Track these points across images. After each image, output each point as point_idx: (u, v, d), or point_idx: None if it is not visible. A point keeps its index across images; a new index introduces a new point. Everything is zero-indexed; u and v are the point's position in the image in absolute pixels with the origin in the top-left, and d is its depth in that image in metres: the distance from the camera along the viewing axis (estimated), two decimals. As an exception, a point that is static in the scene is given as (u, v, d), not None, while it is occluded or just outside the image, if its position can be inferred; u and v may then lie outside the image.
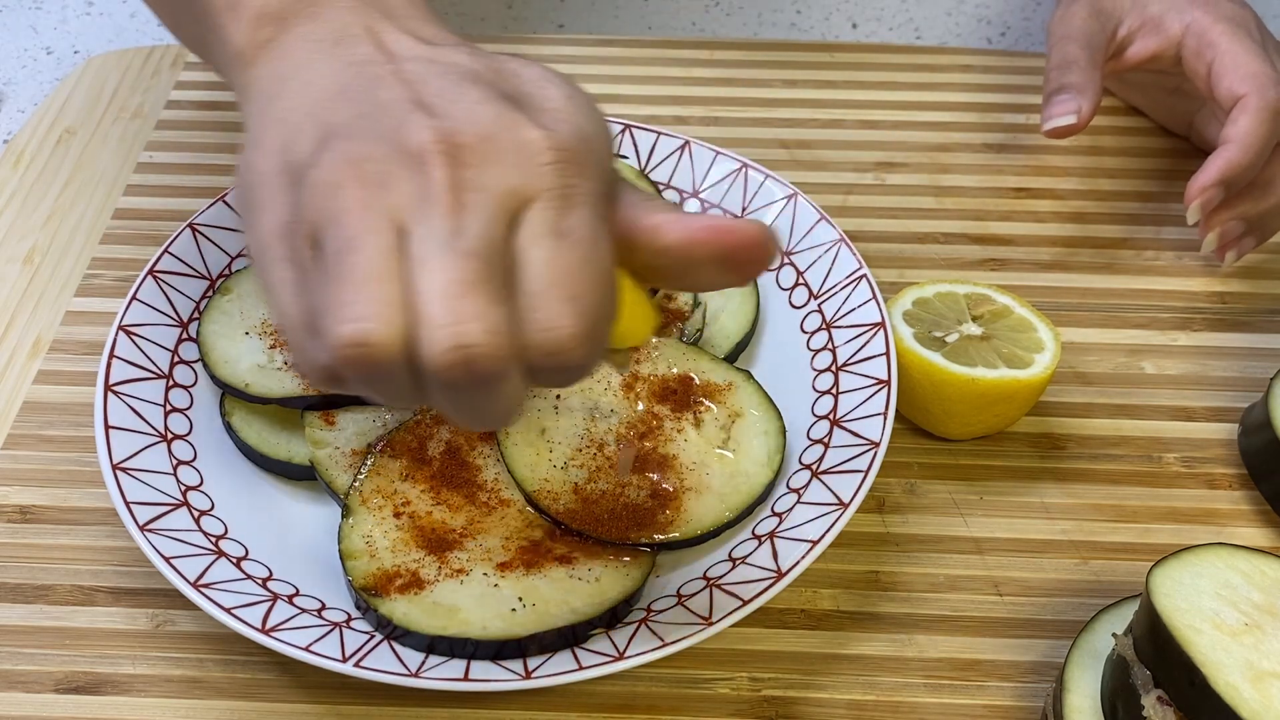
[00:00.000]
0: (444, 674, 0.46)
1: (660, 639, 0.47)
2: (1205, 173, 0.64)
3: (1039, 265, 0.71)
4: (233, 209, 0.61)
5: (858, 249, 0.62)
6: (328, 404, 0.56)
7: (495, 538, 0.52)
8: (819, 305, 0.61)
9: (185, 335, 0.58)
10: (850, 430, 0.55)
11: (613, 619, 0.49)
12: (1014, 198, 0.75)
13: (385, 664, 0.46)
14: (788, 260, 0.64)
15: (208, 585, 0.48)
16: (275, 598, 0.49)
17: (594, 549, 0.51)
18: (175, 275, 0.60)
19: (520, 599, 0.49)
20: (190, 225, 0.61)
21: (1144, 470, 0.60)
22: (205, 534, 0.51)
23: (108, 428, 0.53)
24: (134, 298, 0.58)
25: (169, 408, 0.56)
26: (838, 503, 0.51)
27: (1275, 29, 0.73)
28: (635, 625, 0.48)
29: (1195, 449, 0.61)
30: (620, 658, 0.46)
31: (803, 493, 0.53)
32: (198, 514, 0.52)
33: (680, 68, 0.85)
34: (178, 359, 0.58)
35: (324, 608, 0.49)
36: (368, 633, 0.48)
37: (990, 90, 0.84)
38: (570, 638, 0.48)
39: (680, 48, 0.87)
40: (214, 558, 0.50)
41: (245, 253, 0.61)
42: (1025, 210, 0.74)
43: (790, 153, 0.78)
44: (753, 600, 0.48)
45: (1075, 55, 0.69)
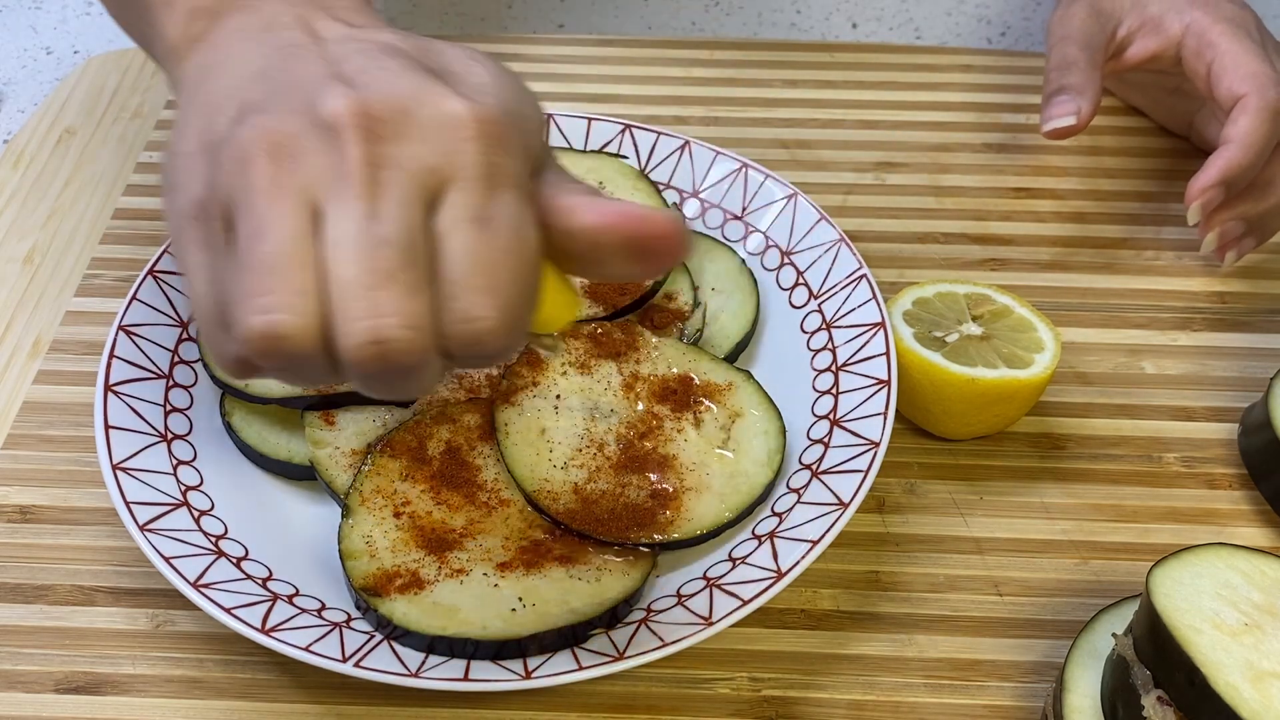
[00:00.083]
0: (444, 674, 0.46)
1: (660, 639, 0.47)
2: (1206, 173, 0.64)
3: (1039, 265, 0.71)
4: None
5: (858, 249, 0.62)
6: (328, 404, 0.56)
7: (495, 538, 0.52)
8: (819, 305, 0.61)
9: (185, 335, 0.58)
10: (850, 430, 0.55)
11: (613, 619, 0.49)
12: (1014, 198, 0.75)
13: (385, 664, 0.46)
14: (788, 260, 0.64)
15: (208, 585, 0.48)
16: (275, 598, 0.49)
17: (594, 549, 0.51)
18: (175, 275, 0.60)
19: (520, 599, 0.49)
20: (190, 225, 0.61)
21: (1144, 470, 0.60)
22: (205, 534, 0.51)
23: (108, 428, 0.53)
24: (134, 298, 0.58)
25: (169, 408, 0.56)
26: (838, 503, 0.51)
27: (1275, 29, 0.73)
28: (635, 625, 0.48)
29: (1195, 449, 0.61)
30: (620, 658, 0.46)
31: (803, 493, 0.53)
32: (198, 514, 0.52)
33: (680, 68, 0.85)
34: (178, 359, 0.58)
35: (324, 608, 0.49)
36: (368, 633, 0.48)
37: (990, 90, 0.84)
38: (570, 638, 0.48)
39: (680, 48, 0.87)
40: (214, 558, 0.50)
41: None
42: (1025, 210, 0.74)
43: (790, 153, 0.78)
44: (753, 600, 0.48)
45: (1075, 56, 0.69)
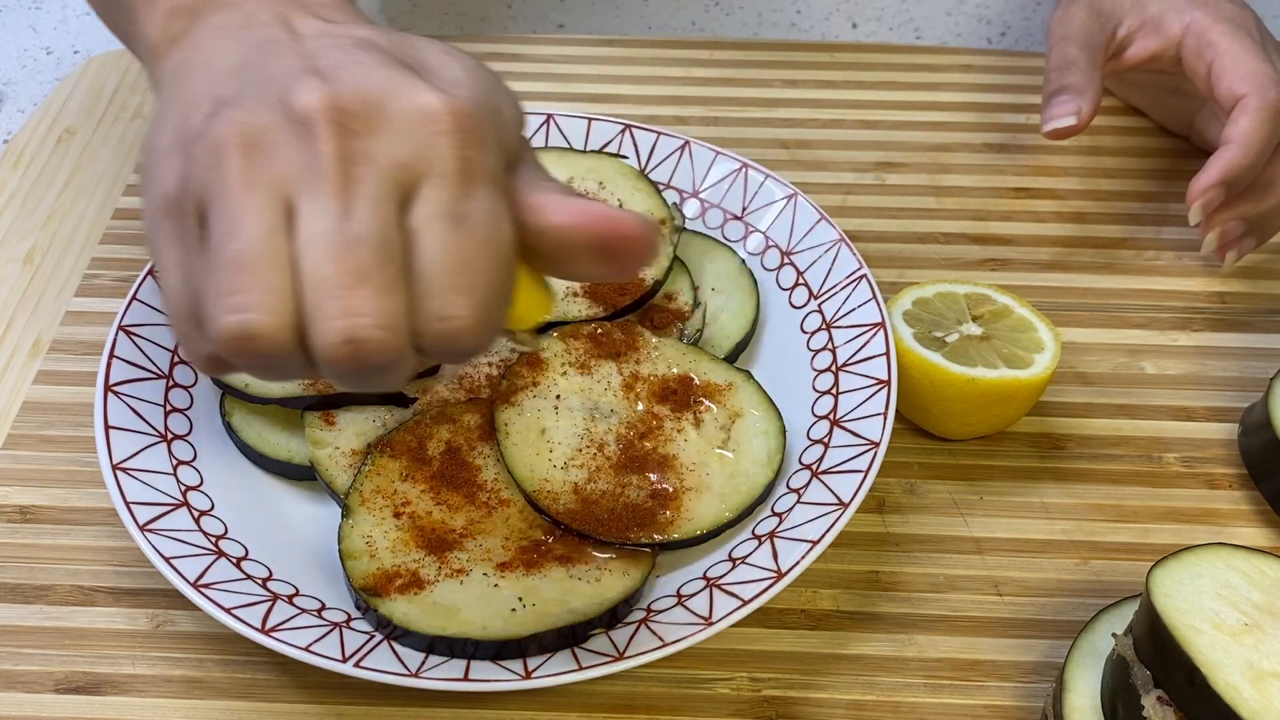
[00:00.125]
0: (444, 674, 0.46)
1: (660, 639, 0.47)
2: (1206, 173, 0.64)
3: (1039, 265, 0.71)
4: None
5: (858, 249, 0.62)
6: (328, 404, 0.56)
7: (495, 538, 0.52)
8: (819, 305, 0.61)
9: (185, 335, 0.58)
10: (850, 430, 0.55)
11: (613, 619, 0.49)
12: (1014, 198, 0.75)
13: (385, 664, 0.46)
14: (788, 260, 0.64)
15: (208, 585, 0.48)
16: (275, 598, 0.49)
17: (594, 549, 0.51)
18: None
19: (520, 599, 0.49)
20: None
21: (1144, 470, 0.60)
22: (205, 534, 0.51)
23: (108, 428, 0.53)
24: (134, 298, 0.58)
25: (169, 408, 0.56)
26: (838, 503, 0.51)
27: (1275, 29, 0.73)
28: (635, 625, 0.48)
29: (1195, 449, 0.61)
30: (620, 658, 0.46)
31: (803, 493, 0.53)
32: (198, 514, 0.52)
33: (680, 68, 0.85)
34: (178, 359, 0.58)
35: (324, 608, 0.49)
36: (368, 633, 0.48)
37: (990, 90, 0.84)
38: (570, 638, 0.48)
39: (680, 48, 0.87)
40: (214, 558, 0.50)
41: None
42: (1025, 210, 0.74)
43: (790, 153, 0.78)
44: (753, 600, 0.48)
45: (1075, 56, 0.69)
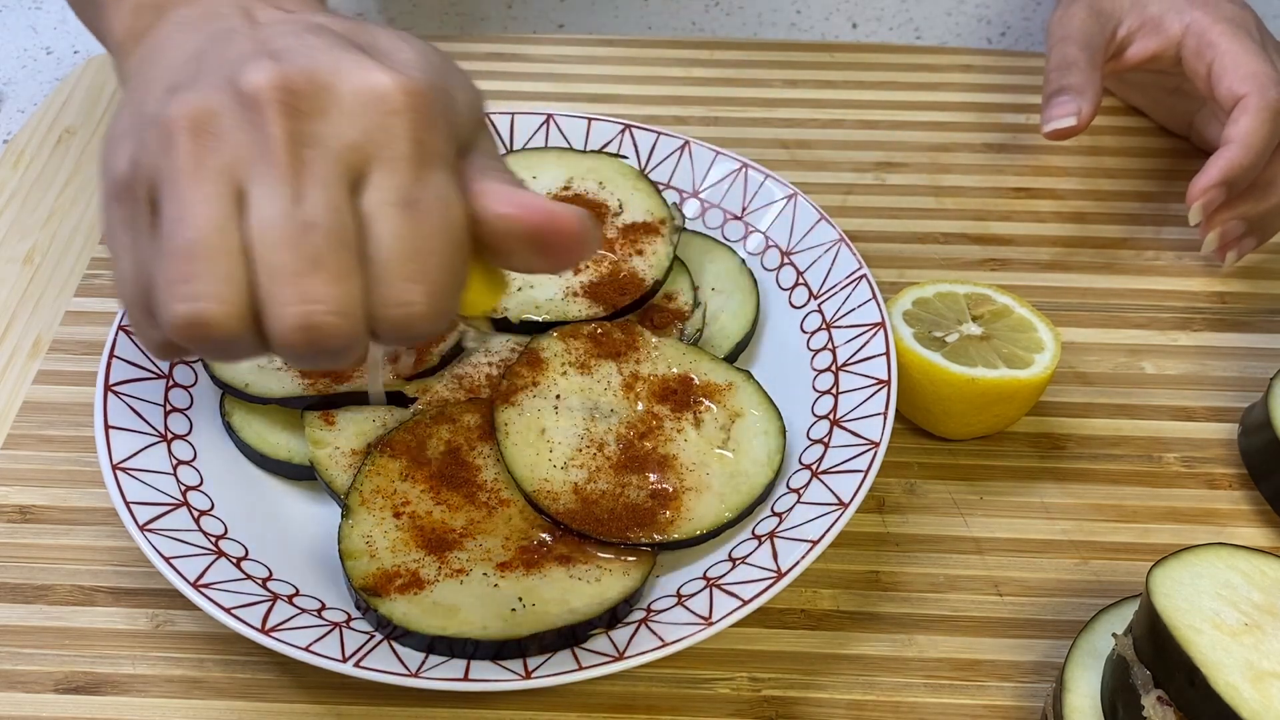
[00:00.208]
0: (444, 674, 0.46)
1: (660, 639, 0.47)
2: (1207, 173, 0.64)
3: (1039, 265, 0.71)
4: None
5: (858, 249, 0.62)
6: (328, 404, 0.56)
7: (495, 538, 0.52)
8: (819, 305, 0.61)
9: (185, 335, 0.58)
10: (850, 430, 0.55)
11: (613, 619, 0.49)
12: (1014, 198, 0.75)
13: (385, 664, 0.46)
14: (788, 260, 0.64)
15: (208, 585, 0.48)
16: (275, 598, 0.49)
17: (594, 549, 0.51)
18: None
19: (520, 599, 0.49)
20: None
21: (1144, 470, 0.60)
22: (205, 534, 0.51)
23: (108, 428, 0.53)
24: (134, 298, 0.58)
25: (169, 408, 0.56)
26: (838, 503, 0.51)
27: (1275, 29, 0.73)
28: (635, 625, 0.48)
29: (1195, 449, 0.61)
30: (620, 658, 0.46)
31: (803, 493, 0.53)
32: (198, 514, 0.52)
33: (680, 68, 0.85)
34: (178, 359, 0.58)
35: (324, 608, 0.49)
36: (368, 633, 0.48)
37: (990, 90, 0.84)
38: (570, 638, 0.48)
39: (680, 48, 0.87)
40: (214, 558, 0.50)
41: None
42: (1025, 210, 0.74)
43: (790, 153, 0.78)
44: (753, 600, 0.48)
45: (1075, 56, 0.69)
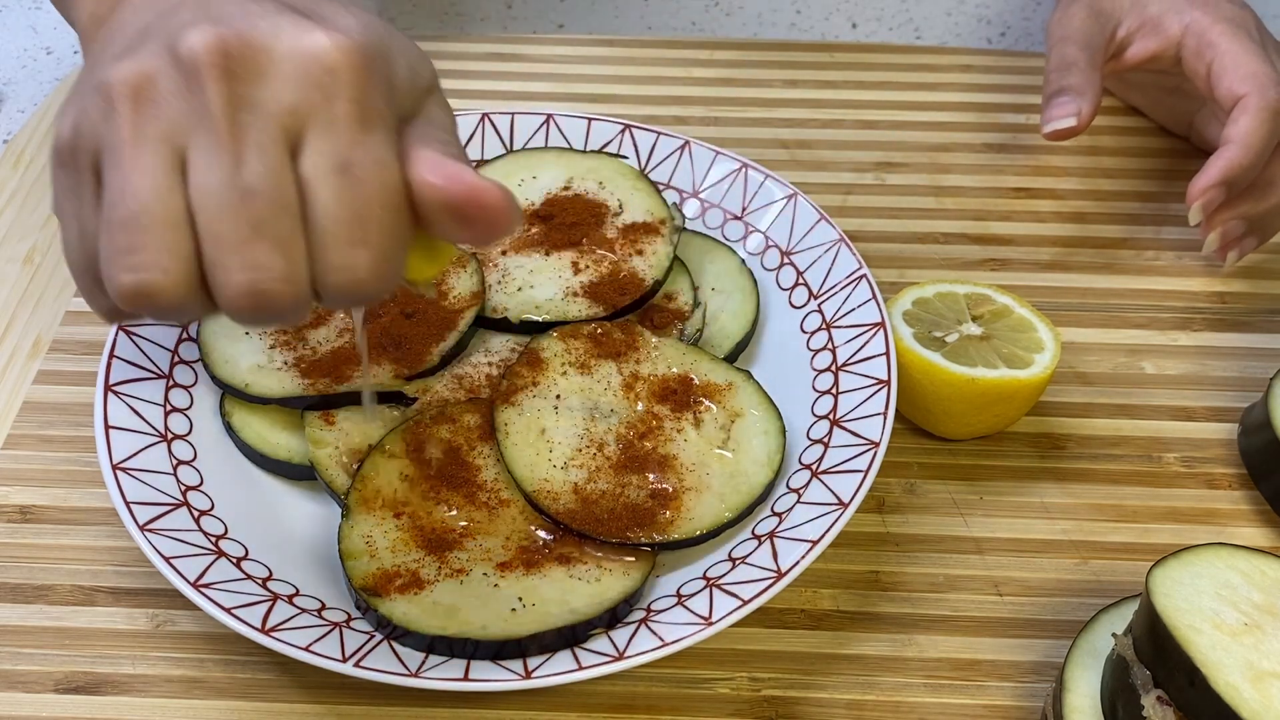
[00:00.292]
0: (444, 674, 0.46)
1: (660, 639, 0.47)
2: (1207, 173, 0.64)
3: (1039, 265, 0.71)
4: None
5: (858, 249, 0.62)
6: (328, 404, 0.56)
7: (495, 538, 0.52)
8: (819, 305, 0.61)
9: (185, 335, 0.58)
10: (850, 430, 0.55)
11: (613, 619, 0.49)
12: (1014, 198, 0.75)
13: (385, 664, 0.46)
14: (788, 260, 0.64)
15: (208, 585, 0.48)
16: (275, 598, 0.49)
17: (594, 549, 0.51)
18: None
19: (520, 599, 0.49)
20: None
21: (1144, 470, 0.60)
22: (205, 534, 0.51)
23: (108, 428, 0.53)
24: (134, 298, 0.58)
25: (169, 408, 0.56)
26: (838, 503, 0.51)
27: (1275, 29, 0.73)
28: (635, 625, 0.48)
29: (1195, 449, 0.61)
30: (620, 658, 0.46)
31: (803, 493, 0.53)
32: (198, 514, 0.52)
33: (680, 68, 0.85)
34: (178, 359, 0.58)
35: (324, 608, 0.49)
36: (368, 633, 0.48)
37: (990, 90, 0.84)
38: (570, 638, 0.48)
39: (680, 48, 0.87)
40: (214, 558, 0.50)
41: None
42: (1025, 210, 0.74)
43: (790, 153, 0.78)
44: (753, 600, 0.48)
45: (1074, 57, 0.69)
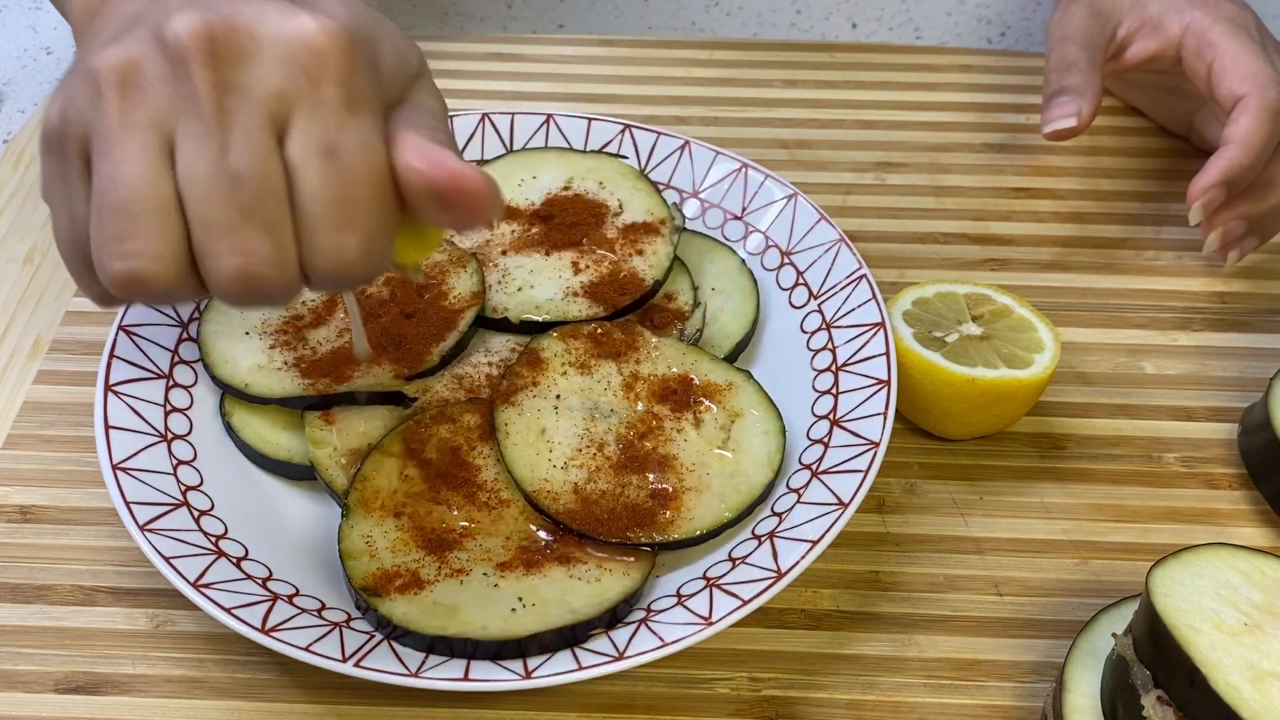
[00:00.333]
0: (444, 674, 0.46)
1: (660, 639, 0.47)
2: (1207, 173, 0.64)
3: (1039, 265, 0.71)
4: None
5: (858, 249, 0.62)
6: (328, 404, 0.56)
7: (495, 538, 0.52)
8: (819, 305, 0.61)
9: (185, 335, 0.58)
10: (850, 430, 0.55)
11: (613, 619, 0.49)
12: (1014, 198, 0.75)
13: (385, 664, 0.46)
14: (788, 260, 0.64)
15: (208, 585, 0.48)
16: (275, 598, 0.49)
17: (594, 549, 0.51)
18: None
19: (520, 599, 0.49)
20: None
21: (1144, 470, 0.60)
22: (205, 534, 0.51)
23: (108, 428, 0.53)
24: (134, 298, 0.58)
25: (169, 408, 0.56)
26: (838, 503, 0.51)
27: (1275, 29, 0.73)
28: (635, 625, 0.48)
29: (1195, 449, 0.61)
30: (620, 658, 0.46)
31: (803, 493, 0.53)
32: (198, 514, 0.52)
33: (680, 68, 0.85)
34: (178, 359, 0.58)
35: (324, 608, 0.49)
36: (368, 633, 0.48)
37: (990, 90, 0.84)
38: (570, 638, 0.48)
39: (680, 48, 0.87)
40: (214, 558, 0.50)
41: None
42: (1025, 210, 0.74)
43: (790, 153, 0.78)
44: (753, 600, 0.48)
45: (1074, 57, 0.69)
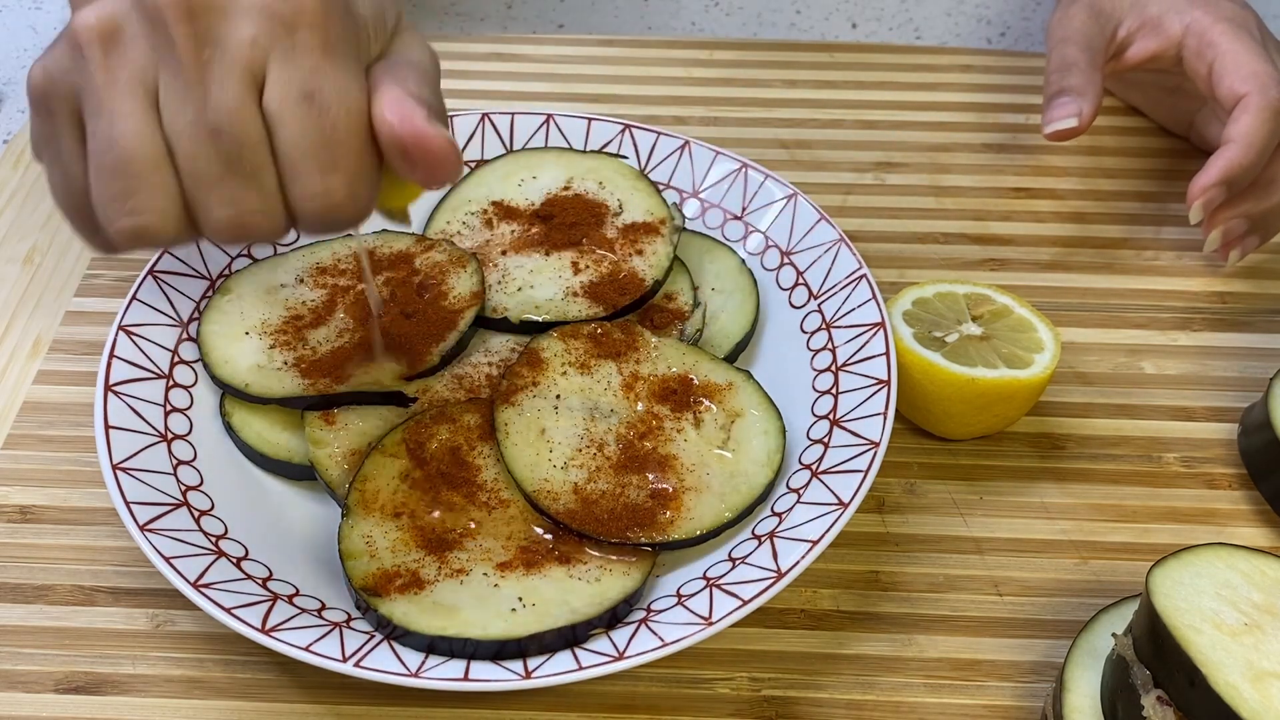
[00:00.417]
0: (444, 674, 0.46)
1: (660, 639, 0.47)
2: (1207, 172, 0.64)
3: (1039, 265, 0.71)
4: None
5: (858, 249, 0.62)
6: (328, 404, 0.56)
7: (495, 538, 0.52)
8: (819, 305, 0.61)
9: (185, 335, 0.58)
10: (850, 430, 0.55)
11: (613, 619, 0.49)
12: (1014, 198, 0.75)
13: (385, 664, 0.46)
14: (788, 260, 0.64)
15: (208, 585, 0.48)
16: (275, 598, 0.49)
17: (594, 549, 0.51)
18: (175, 275, 0.60)
19: (520, 599, 0.49)
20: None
21: (1144, 470, 0.60)
22: (205, 534, 0.51)
23: (108, 428, 0.53)
24: (134, 298, 0.58)
25: (169, 408, 0.56)
26: (838, 503, 0.51)
27: (1275, 29, 0.73)
28: (635, 625, 0.48)
29: (1195, 449, 0.61)
30: (620, 658, 0.46)
31: (803, 493, 0.53)
32: (198, 514, 0.52)
33: (680, 68, 0.85)
34: (178, 359, 0.58)
35: (324, 608, 0.49)
36: (368, 633, 0.48)
37: (990, 90, 0.84)
38: (570, 638, 0.48)
39: (680, 48, 0.87)
40: (214, 558, 0.50)
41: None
42: (1025, 210, 0.74)
43: (790, 153, 0.78)
44: (753, 600, 0.48)
45: (1075, 57, 0.69)
